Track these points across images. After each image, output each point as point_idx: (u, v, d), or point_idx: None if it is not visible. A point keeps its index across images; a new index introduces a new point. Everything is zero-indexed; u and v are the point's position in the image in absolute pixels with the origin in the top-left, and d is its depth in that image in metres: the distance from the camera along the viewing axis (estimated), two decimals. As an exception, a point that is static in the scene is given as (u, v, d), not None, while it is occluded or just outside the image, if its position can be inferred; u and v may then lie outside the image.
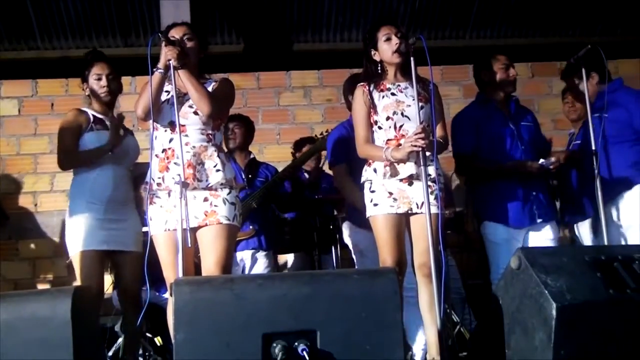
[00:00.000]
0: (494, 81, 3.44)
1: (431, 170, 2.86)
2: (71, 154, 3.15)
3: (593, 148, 3.09)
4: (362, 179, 3.03)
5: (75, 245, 3.06)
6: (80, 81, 3.29)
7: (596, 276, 2.18)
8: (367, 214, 2.96)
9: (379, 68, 3.02)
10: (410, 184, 2.90)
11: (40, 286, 4.93)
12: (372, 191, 2.95)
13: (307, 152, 4.28)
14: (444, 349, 2.69)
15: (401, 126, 2.95)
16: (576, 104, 3.84)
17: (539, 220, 3.35)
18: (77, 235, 3.06)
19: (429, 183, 2.80)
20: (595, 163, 3.07)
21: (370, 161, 3.01)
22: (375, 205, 2.92)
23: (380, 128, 2.99)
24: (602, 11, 5.86)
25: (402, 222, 2.92)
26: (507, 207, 3.32)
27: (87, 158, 3.14)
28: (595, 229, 3.48)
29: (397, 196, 2.90)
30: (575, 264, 2.22)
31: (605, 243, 3.01)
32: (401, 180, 2.90)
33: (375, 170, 2.96)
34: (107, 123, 3.21)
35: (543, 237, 3.37)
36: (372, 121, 3.01)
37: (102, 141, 3.14)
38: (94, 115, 3.19)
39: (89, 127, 3.16)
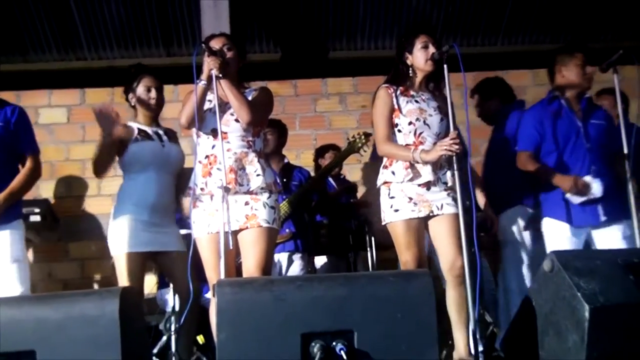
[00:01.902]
0: (569, 79, 3.40)
1: (447, 177, 2.92)
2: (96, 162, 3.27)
3: (625, 152, 3.09)
4: (379, 183, 3.03)
5: (120, 247, 3.11)
6: (122, 91, 3.39)
7: (629, 279, 2.20)
8: (386, 220, 2.97)
9: (410, 71, 3.07)
10: (428, 188, 2.94)
11: (89, 286, 5.09)
12: (392, 197, 2.96)
13: (342, 153, 4.30)
14: (477, 350, 2.72)
15: (421, 133, 2.98)
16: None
17: (603, 219, 3.29)
18: (122, 237, 3.12)
19: (446, 189, 2.92)
20: (627, 166, 3.06)
21: (388, 164, 3.02)
22: (396, 211, 2.93)
23: (399, 131, 3.01)
24: (633, 16, 5.78)
25: (422, 225, 2.95)
26: (568, 204, 3.30)
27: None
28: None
29: (416, 200, 2.92)
30: (608, 266, 2.23)
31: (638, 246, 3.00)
32: (419, 185, 2.93)
33: (393, 173, 2.97)
34: (151, 133, 3.32)
35: (612, 236, 3.28)
36: (392, 123, 3.03)
37: (144, 151, 3.23)
38: (138, 128, 3.29)
39: (134, 139, 3.24)
